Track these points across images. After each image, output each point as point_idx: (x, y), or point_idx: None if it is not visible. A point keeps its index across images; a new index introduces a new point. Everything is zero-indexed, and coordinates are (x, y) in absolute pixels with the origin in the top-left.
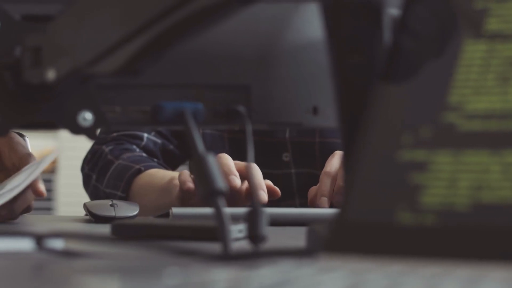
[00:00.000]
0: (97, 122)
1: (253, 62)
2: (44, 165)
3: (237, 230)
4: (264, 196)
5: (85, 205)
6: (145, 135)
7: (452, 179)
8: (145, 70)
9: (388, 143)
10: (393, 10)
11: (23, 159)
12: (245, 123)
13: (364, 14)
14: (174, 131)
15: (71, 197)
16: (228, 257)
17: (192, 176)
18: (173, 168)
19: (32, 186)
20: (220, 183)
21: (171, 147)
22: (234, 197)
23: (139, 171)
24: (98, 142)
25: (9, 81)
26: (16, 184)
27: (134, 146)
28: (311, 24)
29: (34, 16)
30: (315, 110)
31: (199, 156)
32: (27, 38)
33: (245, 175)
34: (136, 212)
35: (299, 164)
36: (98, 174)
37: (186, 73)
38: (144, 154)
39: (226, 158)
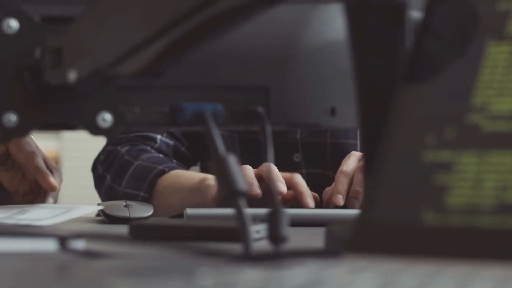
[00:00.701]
0: (116, 123)
1: (271, 64)
2: (79, 214)
3: (255, 231)
4: (311, 203)
5: (99, 206)
6: (158, 136)
7: (477, 180)
8: (166, 72)
9: (413, 144)
10: (415, 12)
11: (29, 157)
12: (265, 124)
13: (387, 15)
14: (185, 133)
15: (72, 198)
16: (251, 258)
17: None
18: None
19: (45, 182)
20: (241, 184)
21: (183, 149)
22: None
23: (163, 172)
24: (112, 143)
25: (29, 82)
26: (43, 217)
27: (149, 147)
28: (329, 26)
29: (53, 17)
30: (333, 111)
31: (219, 157)
32: (47, 39)
33: (289, 184)
34: (150, 213)
35: (309, 164)
36: (115, 175)
37: (204, 74)
38: (161, 155)
39: (299, 179)
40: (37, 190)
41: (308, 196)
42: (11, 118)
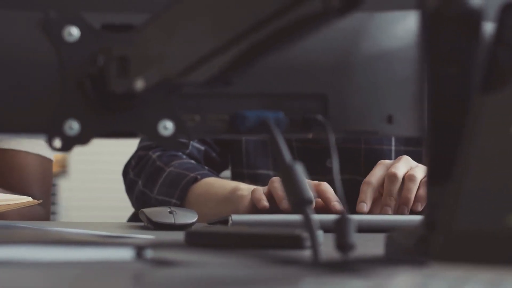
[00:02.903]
0: (177, 131)
1: (329, 71)
2: None
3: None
4: (338, 206)
5: (143, 212)
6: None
7: None
8: (235, 80)
9: (495, 148)
10: (488, 23)
11: None
12: (327, 132)
13: (462, 25)
14: (216, 139)
15: (80, 202)
16: (324, 265)
17: (265, 192)
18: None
19: None
20: (309, 192)
21: (214, 154)
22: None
23: (195, 179)
24: (143, 148)
25: (90, 90)
26: None
27: (180, 153)
28: (386, 34)
29: (113, 25)
30: (390, 119)
31: (286, 165)
32: (112, 47)
33: (316, 191)
34: (195, 219)
35: (343, 170)
36: (147, 181)
37: (262, 82)
38: (192, 161)
39: (326, 186)
40: None
41: (335, 200)
42: (73, 126)
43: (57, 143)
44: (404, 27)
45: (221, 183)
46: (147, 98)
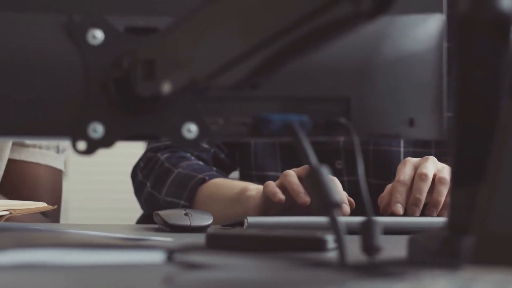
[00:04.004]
0: (201, 134)
1: (352, 75)
2: None
3: (332, 240)
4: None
5: (158, 214)
6: None
7: None
8: (263, 83)
9: None
10: None
11: None
12: (351, 135)
13: (492, 30)
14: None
15: (78, 202)
16: (350, 268)
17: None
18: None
19: None
20: (335, 195)
21: (222, 156)
22: None
23: (203, 180)
24: (151, 150)
25: (113, 93)
26: None
27: (189, 154)
28: (407, 37)
29: (137, 28)
30: (411, 122)
31: (313, 168)
32: (138, 50)
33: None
34: (210, 221)
35: (351, 172)
36: (155, 182)
37: (285, 85)
38: (201, 162)
39: (338, 181)
40: None
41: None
42: (97, 129)
43: (81, 146)
44: (425, 30)
45: (229, 184)
46: (171, 101)
